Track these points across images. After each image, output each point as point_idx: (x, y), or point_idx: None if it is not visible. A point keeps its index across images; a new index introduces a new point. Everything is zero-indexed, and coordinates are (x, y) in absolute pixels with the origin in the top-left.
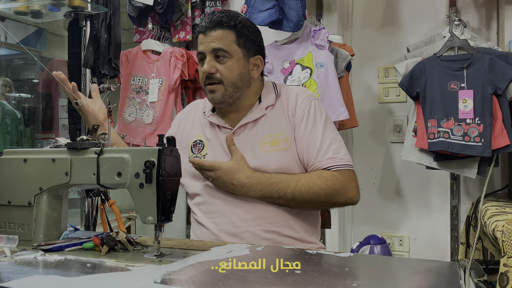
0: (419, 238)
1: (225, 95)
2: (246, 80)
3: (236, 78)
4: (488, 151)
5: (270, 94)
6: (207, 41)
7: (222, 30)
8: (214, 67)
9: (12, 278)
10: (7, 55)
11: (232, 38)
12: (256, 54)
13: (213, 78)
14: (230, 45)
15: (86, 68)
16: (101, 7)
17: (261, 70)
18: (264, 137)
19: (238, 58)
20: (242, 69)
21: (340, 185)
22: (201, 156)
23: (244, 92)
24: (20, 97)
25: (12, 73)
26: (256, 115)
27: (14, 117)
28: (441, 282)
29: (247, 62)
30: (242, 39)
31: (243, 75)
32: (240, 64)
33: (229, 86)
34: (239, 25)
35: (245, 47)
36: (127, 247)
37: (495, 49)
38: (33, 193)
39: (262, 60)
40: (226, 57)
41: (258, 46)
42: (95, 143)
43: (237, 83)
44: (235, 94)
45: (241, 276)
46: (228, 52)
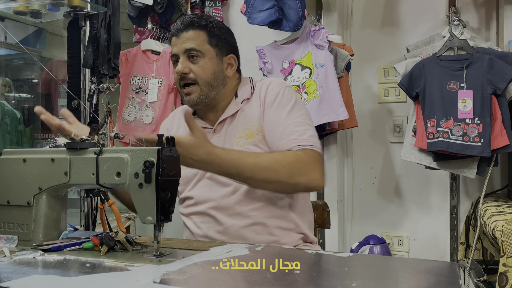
0: (418, 238)
1: (201, 96)
2: (220, 79)
3: (210, 77)
4: (487, 151)
5: (246, 88)
6: (180, 42)
7: (194, 31)
8: (188, 67)
9: (11, 278)
10: (6, 55)
11: (204, 38)
12: (229, 53)
13: (187, 78)
14: (202, 45)
15: (86, 68)
16: (100, 7)
17: (235, 69)
18: (239, 131)
19: (211, 57)
20: (215, 68)
21: (302, 164)
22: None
23: (220, 91)
24: (19, 97)
25: (12, 73)
26: (233, 109)
27: (14, 117)
28: (441, 282)
29: (220, 61)
30: (214, 38)
31: (217, 73)
32: (213, 63)
33: (203, 85)
34: (209, 24)
35: (218, 46)
36: (126, 247)
37: (494, 49)
38: (32, 193)
39: (235, 59)
40: (199, 56)
41: (230, 46)
42: (94, 143)
43: (211, 82)
44: (210, 93)
45: (241, 276)
46: (200, 51)
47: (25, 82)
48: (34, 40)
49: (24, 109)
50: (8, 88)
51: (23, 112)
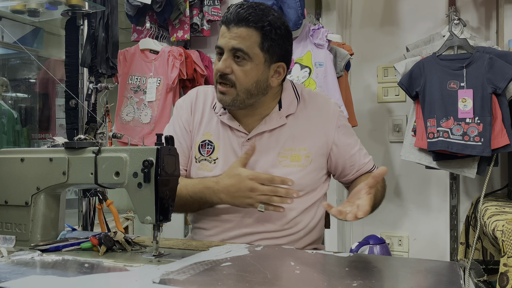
0: (418, 238)
1: (236, 100)
2: (262, 88)
3: (251, 85)
4: (487, 151)
5: (291, 100)
6: (228, 36)
7: (247, 29)
8: (230, 67)
9: (9, 278)
10: (3, 55)
11: (256, 40)
12: (279, 61)
13: (226, 79)
14: (252, 47)
15: (84, 67)
16: (98, 5)
17: (282, 78)
18: (285, 149)
19: (258, 63)
20: (260, 76)
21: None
22: (211, 160)
23: (259, 99)
24: (16, 97)
25: (9, 72)
26: (276, 123)
27: (11, 117)
28: (441, 282)
29: (267, 68)
30: (267, 42)
31: (260, 82)
32: (259, 70)
33: (242, 92)
34: (267, 27)
35: (269, 52)
36: (125, 247)
37: (494, 48)
38: (30, 193)
39: (284, 68)
40: (245, 59)
41: (284, 52)
42: (92, 143)
43: (251, 90)
44: (247, 100)
45: (241, 276)
46: (248, 54)
47: (22, 81)
48: (31, 39)
49: (21, 109)
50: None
51: (20, 112)
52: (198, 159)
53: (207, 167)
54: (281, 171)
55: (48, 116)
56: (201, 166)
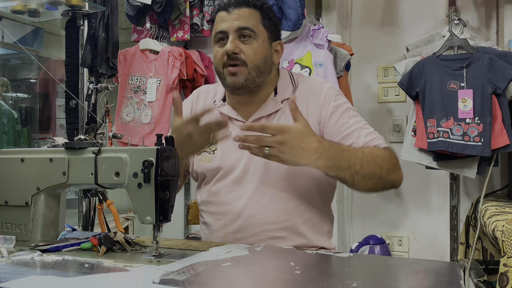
0: (418, 238)
1: (248, 79)
2: (269, 65)
3: (260, 61)
4: (487, 151)
5: (287, 86)
6: (231, 19)
7: (248, 9)
8: (238, 46)
9: (10, 278)
10: (4, 55)
11: (258, 18)
12: (277, 39)
13: (236, 59)
14: (256, 25)
15: (84, 67)
16: (98, 6)
17: (280, 56)
18: None
19: (264, 40)
20: (266, 52)
21: (396, 161)
22: (210, 151)
23: (265, 79)
24: (17, 97)
25: (9, 72)
26: (272, 108)
27: (11, 117)
28: (441, 282)
29: (270, 46)
30: (267, 20)
31: (267, 59)
32: (265, 47)
33: (252, 69)
34: (265, 5)
35: (270, 29)
36: (125, 248)
37: (494, 49)
38: (31, 193)
39: (282, 46)
40: (251, 37)
41: (279, 32)
42: (92, 143)
43: (261, 67)
44: (257, 79)
45: (241, 276)
46: (254, 32)
47: (22, 81)
48: (31, 40)
49: (22, 109)
50: (5, 88)
51: (20, 112)
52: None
53: (206, 158)
54: None
55: (48, 116)
56: (202, 158)
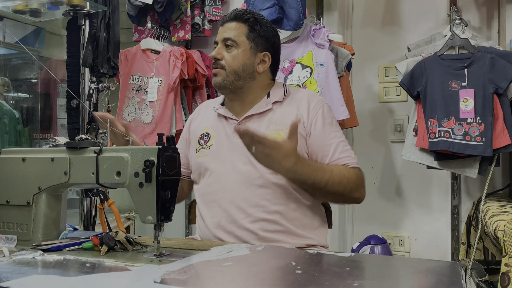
0: (419, 238)
1: (226, 81)
2: (249, 72)
3: (238, 67)
4: (489, 151)
5: (279, 92)
6: (222, 31)
7: (236, 23)
8: (221, 54)
9: (11, 278)
10: (5, 55)
11: (243, 31)
12: (264, 51)
13: (216, 63)
14: (239, 36)
15: (85, 67)
16: (100, 5)
17: (267, 66)
18: (270, 130)
19: (244, 49)
20: (246, 60)
21: (360, 181)
22: (207, 147)
23: (248, 84)
24: (18, 97)
25: (10, 72)
26: (262, 108)
27: (12, 117)
28: (442, 282)
29: (253, 55)
30: (252, 33)
31: (246, 66)
32: (245, 55)
33: (230, 73)
34: (251, 19)
35: (254, 41)
36: (126, 247)
37: (496, 48)
38: (32, 193)
39: (269, 57)
40: (233, 46)
41: (269, 45)
42: (94, 142)
43: (239, 72)
44: (236, 82)
45: (242, 276)
46: (235, 41)
47: (23, 81)
48: (33, 40)
49: (23, 109)
50: (6, 88)
51: (21, 111)
52: (197, 149)
53: (203, 153)
54: None
55: (50, 116)
56: (200, 154)
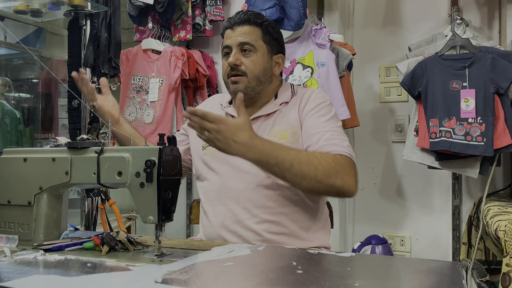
0: (420, 238)
1: (248, 88)
2: (268, 76)
3: (259, 72)
4: (490, 151)
5: (287, 92)
6: (234, 35)
7: (250, 26)
8: (240, 59)
9: (12, 278)
10: (6, 55)
11: (259, 34)
12: (278, 53)
13: (237, 70)
14: (256, 40)
15: (86, 67)
16: (101, 6)
17: (282, 68)
18: (274, 130)
19: (263, 53)
20: (265, 64)
21: (340, 166)
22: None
23: (265, 88)
24: (19, 97)
25: (12, 72)
26: (270, 109)
27: (14, 117)
28: (443, 282)
29: (270, 58)
30: (267, 36)
31: (266, 70)
32: (264, 59)
33: (252, 79)
34: (265, 23)
35: (270, 44)
36: (127, 247)
37: (497, 48)
38: (33, 193)
39: (283, 59)
40: (251, 51)
41: (280, 46)
42: (95, 142)
43: (260, 77)
44: (257, 87)
45: (243, 276)
46: (254, 46)
47: (25, 81)
48: (34, 40)
49: (24, 109)
50: (8, 88)
51: (23, 112)
52: (204, 146)
53: (210, 151)
54: None
55: (51, 116)
56: (206, 152)
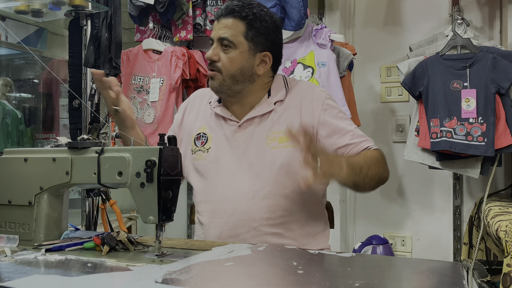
0: (421, 238)
1: (223, 85)
2: (247, 75)
3: (235, 71)
4: (491, 151)
5: (280, 89)
6: (217, 27)
7: (233, 19)
8: (218, 55)
9: (13, 277)
10: (7, 55)
11: (241, 29)
12: (265, 50)
13: (213, 65)
14: (236, 36)
15: (87, 67)
16: (102, 6)
17: (268, 67)
18: (273, 133)
19: (243, 50)
20: (244, 63)
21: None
22: (205, 150)
23: (247, 87)
24: (20, 97)
25: (13, 72)
26: (264, 109)
27: (15, 117)
28: (444, 283)
29: (252, 56)
30: (251, 31)
31: (245, 69)
32: (243, 57)
33: (227, 77)
34: (250, 16)
35: (253, 41)
36: (128, 247)
37: (498, 48)
38: (34, 193)
39: (270, 57)
40: (230, 47)
41: (269, 43)
42: (95, 142)
43: (236, 76)
44: (233, 86)
45: (243, 276)
46: (233, 42)
47: (26, 82)
48: (35, 40)
49: (25, 109)
50: (9, 88)
51: (24, 112)
52: (194, 150)
53: (201, 156)
54: (271, 153)
55: (52, 116)
56: (196, 157)
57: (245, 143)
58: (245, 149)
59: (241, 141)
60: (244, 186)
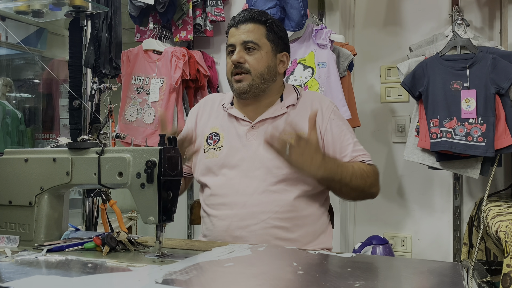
0: (421, 238)
1: (252, 85)
2: (272, 74)
3: (263, 70)
4: (491, 151)
5: (292, 94)
6: (238, 33)
7: (254, 24)
8: (243, 57)
9: (13, 278)
10: (7, 55)
11: (263, 32)
12: (283, 51)
13: (241, 67)
14: (260, 38)
15: (87, 67)
16: (102, 6)
17: (287, 66)
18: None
19: (267, 51)
20: (269, 62)
21: (376, 176)
22: (217, 148)
23: (270, 86)
24: (20, 97)
25: (13, 73)
26: (277, 112)
27: (15, 117)
28: (444, 283)
29: (274, 56)
30: (271, 34)
31: (270, 68)
32: (268, 57)
33: (256, 76)
34: (269, 21)
35: (274, 42)
36: (128, 247)
37: (498, 49)
38: (34, 193)
39: (288, 57)
40: (255, 49)
41: (285, 44)
42: (96, 143)
43: (264, 75)
44: (261, 85)
45: (243, 276)
46: (257, 44)
47: (26, 82)
48: (35, 40)
49: (25, 109)
50: (9, 88)
51: (24, 112)
52: (206, 149)
53: (213, 155)
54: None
55: (52, 116)
56: (208, 155)
57: (258, 142)
58: (257, 147)
59: (253, 140)
60: (255, 181)
